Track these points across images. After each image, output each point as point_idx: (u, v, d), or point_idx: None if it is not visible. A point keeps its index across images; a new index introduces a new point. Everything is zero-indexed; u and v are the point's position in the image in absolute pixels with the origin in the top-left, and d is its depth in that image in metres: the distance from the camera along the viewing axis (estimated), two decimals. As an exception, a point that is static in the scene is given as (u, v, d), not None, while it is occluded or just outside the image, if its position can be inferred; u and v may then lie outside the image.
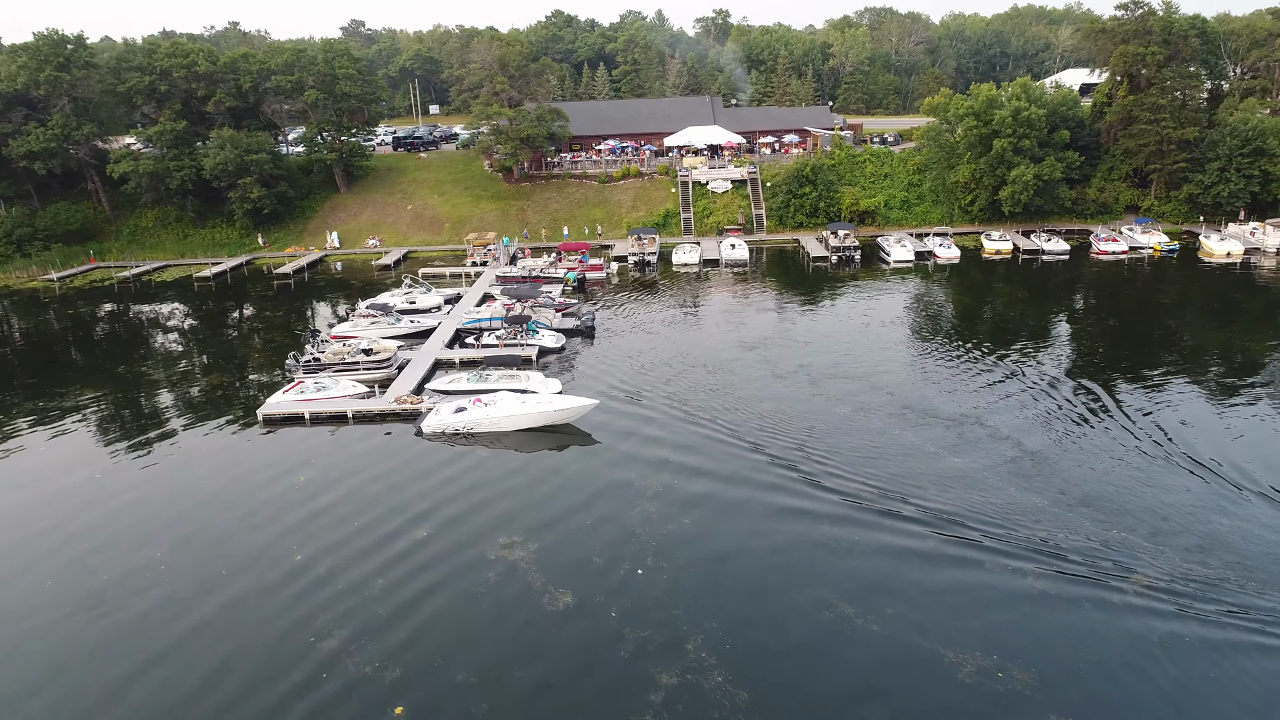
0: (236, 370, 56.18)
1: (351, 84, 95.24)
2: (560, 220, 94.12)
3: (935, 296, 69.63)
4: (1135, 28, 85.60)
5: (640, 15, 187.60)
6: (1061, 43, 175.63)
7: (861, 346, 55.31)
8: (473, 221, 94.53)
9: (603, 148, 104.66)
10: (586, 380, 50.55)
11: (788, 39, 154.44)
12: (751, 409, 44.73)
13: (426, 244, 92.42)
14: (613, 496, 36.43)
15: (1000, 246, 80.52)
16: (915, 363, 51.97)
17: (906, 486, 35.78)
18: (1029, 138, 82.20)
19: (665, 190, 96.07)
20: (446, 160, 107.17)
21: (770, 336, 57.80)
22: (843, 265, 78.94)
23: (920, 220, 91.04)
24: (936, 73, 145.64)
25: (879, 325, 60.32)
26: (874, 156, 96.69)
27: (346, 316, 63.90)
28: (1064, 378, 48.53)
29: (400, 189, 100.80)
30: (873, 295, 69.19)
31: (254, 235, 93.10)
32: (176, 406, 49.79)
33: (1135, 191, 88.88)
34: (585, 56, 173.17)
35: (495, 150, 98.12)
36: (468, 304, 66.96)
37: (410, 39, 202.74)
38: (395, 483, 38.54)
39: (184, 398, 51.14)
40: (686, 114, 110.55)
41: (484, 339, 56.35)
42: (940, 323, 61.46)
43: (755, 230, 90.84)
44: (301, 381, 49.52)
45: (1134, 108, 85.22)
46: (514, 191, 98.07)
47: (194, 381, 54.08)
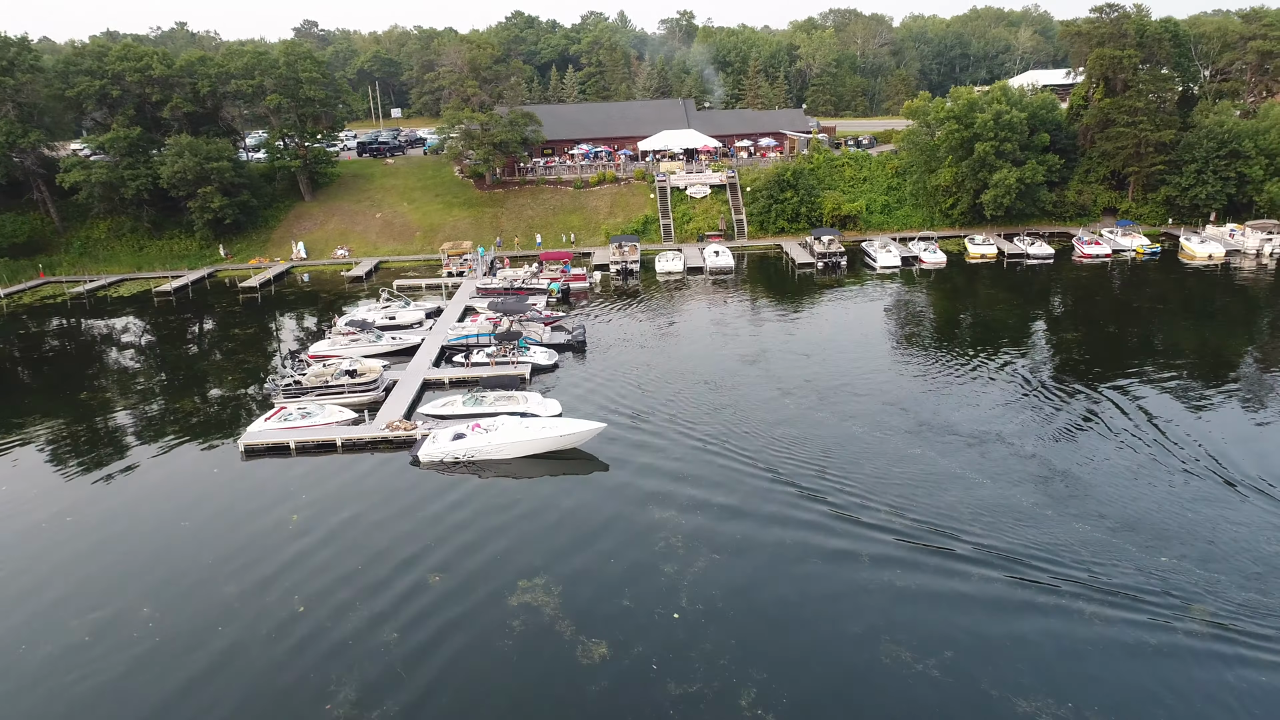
0: (209, 395, 52.91)
1: (316, 88, 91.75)
2: (536, 227, 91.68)
3: (928, 303, 68.70)
4: (1111, 30, 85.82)
5: (602, 16, 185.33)
6: (1022, 44, 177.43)
7: (864, 358, 53.92)
8: (445, 230, 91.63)
9: (576, 152, 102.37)
10: (584, 400, 48.38)
11: (754, 40, 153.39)
12: (763, 430, 42.96)
13: (398, 254, 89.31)
14: (632, 529, 34.38)
15: (985, 251, 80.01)
16: (922, 374, 50.69)
17: (940, 516, 34.25)
18: (1011, 141, 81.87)
19: (643, 196, 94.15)
20: (415, 166, 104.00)
21: (769, 348, 56.16)
22: (829, 271, 77.73)
23: (901, 224, 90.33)
24: (904, 74, 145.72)
25: (878, 335, 59.09)
26: (852, 160, 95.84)
27: (324, 334, 60.85)
28: (1076, 387, 47.59)
29: (368, 196, 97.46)
30: (865, 303, 68.02)
31: (215, 246, 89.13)
32: (146, 436, 46.49)
33: (1113, 194, 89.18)
34: (549, 58, 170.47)
35: (467, 156, 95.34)
36: (450, 318, 64.30)
37: (367, 40, 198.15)
38: (397, 518, 36.02)
39: (154, 426, 47.82)
40: (659, 117, 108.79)
41: (473, 357, 53.85)
42: (939, 331, 60.38)
43: (736, 236, 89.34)
44: (283, 408, 46.62)
45: (1111, 110, 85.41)
46: (487, 198, 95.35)
47: (163, 408, 50.71)
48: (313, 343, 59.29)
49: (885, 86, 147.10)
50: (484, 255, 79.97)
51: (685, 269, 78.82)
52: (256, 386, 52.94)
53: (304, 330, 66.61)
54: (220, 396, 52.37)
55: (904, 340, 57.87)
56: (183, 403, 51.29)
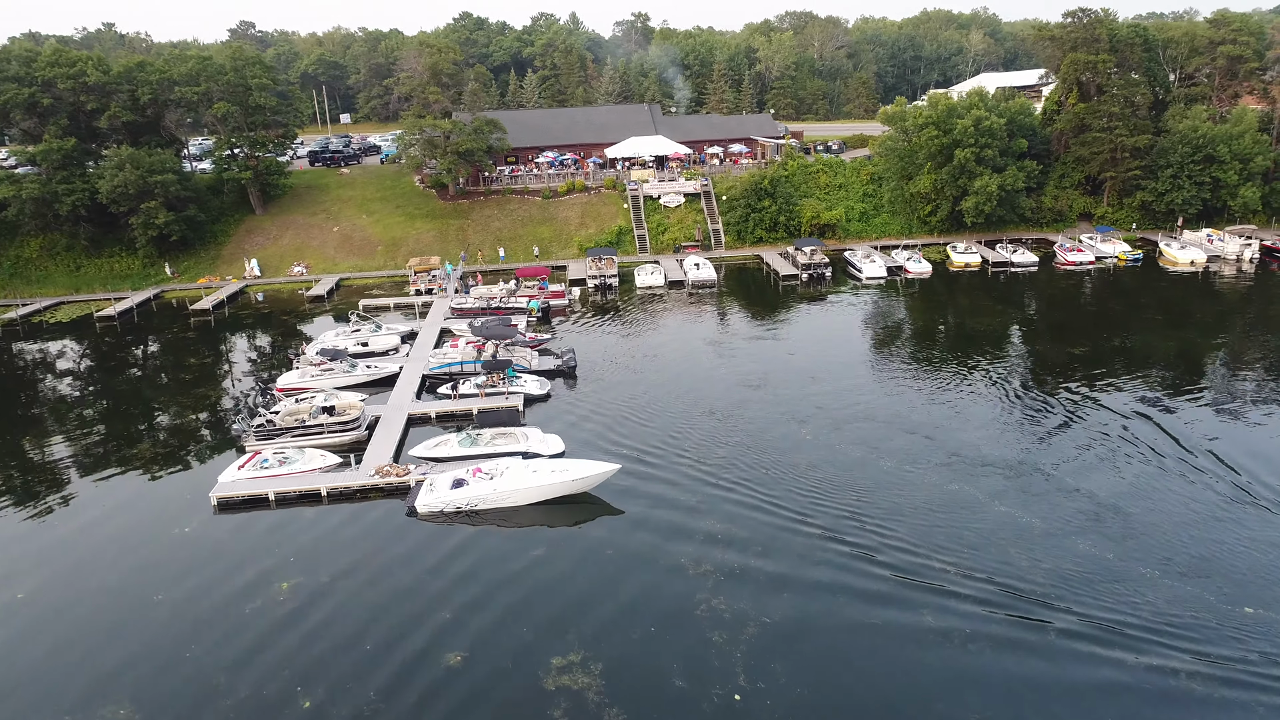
0: (169, 436, 48.23)
1: (265, 95, 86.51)
2: (504, 240, 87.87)
3: (921, 316, 66.86)
4: (1084, 35, 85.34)
5: (554, 18, 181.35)
6: (974, 47, 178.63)
7: (872, 378, 51.65)
8: (408, 243, 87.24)
9: (542, 160, 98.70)
10: (581, 433, 45.13)
11: (712, 43, 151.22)
12: (784, 469, 40.18)
13: (359, 269, 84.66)
14: (665, 589, 31.32)
15: (968, 259, 78.69)
16: (938, 397, 48.52)
17: (994, 563, 31.90)
18: (991, 147, 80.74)
19: (614, 205, 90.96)
20: (372, 176, 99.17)
21: (771, 371, 53.51)
22: (814, 283, 75.57)
23: (879, 232, 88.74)
24: (863, 77, 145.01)
25: (880, 351, 56.94)
26: (827, 166, 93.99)
27: (292, 363, 56.42)
28: (1100, 405, 45.92)
29: (323, 209, 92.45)
30: (857, 316, 65.94)
31: (160, 265, 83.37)
32: (100, 488, 41.86)
33: (1088, 199, 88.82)
34: (501, 61, 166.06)
35: (429, 165, 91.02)
36: (427, 343, 60.34)
37: (308, 42, 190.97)
38: (402, 584, 32.36)
39: (108, 475, 43.14)
40: (625, 123, 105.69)
41: (461, 387, 50.09)
42: (941, 345, 58.37)
43: (713, 247, 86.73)
44: (257, 453, 42.44)
45: (1086, 115, 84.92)
46: (451, 209, 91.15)
47: (117, 452, 45.96)
48: (280, 374, 54.87)
49: (845, 90, 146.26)
50: (453, 272, 75.85)
51: (666, 283, 75.89)
52: (224, 426, 48.47)
53: (268, 358, 61.96)
54: (182, 438, 47.75)
55: (908, 357, 55.74)
56: (139, 446, 46.59)
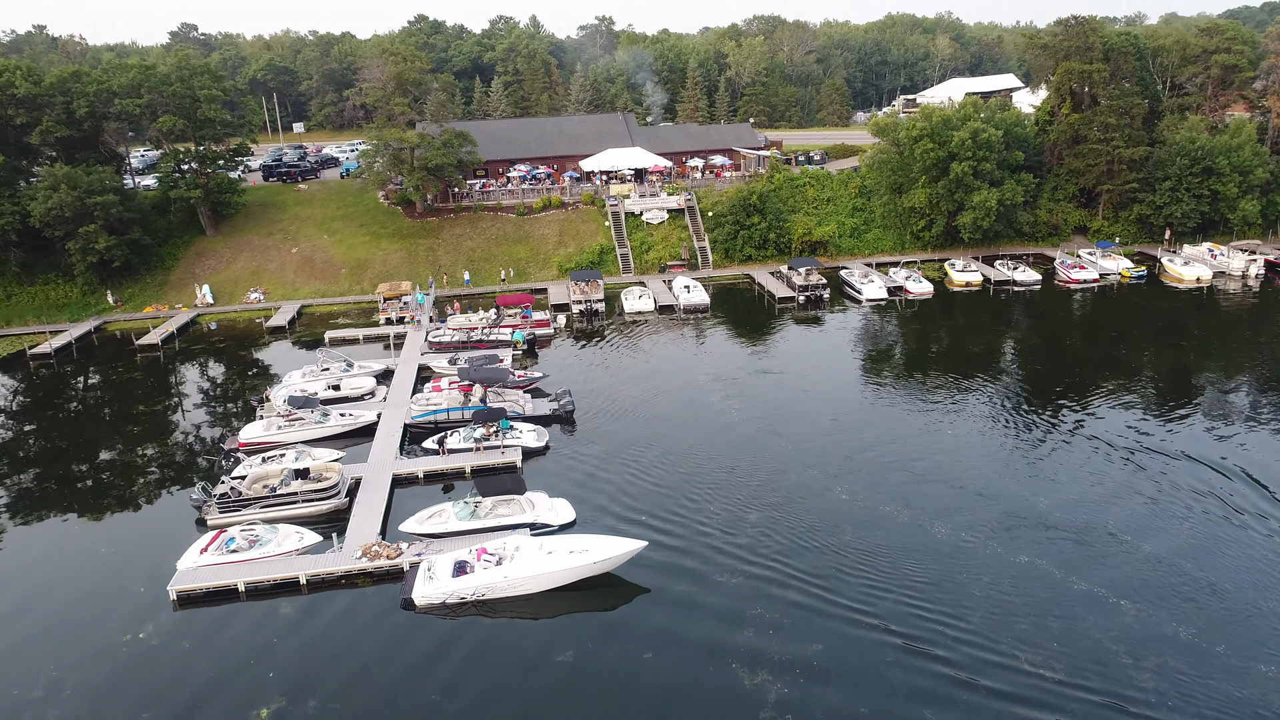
0: (117, 505, 42.27)
1: (215, 107, 79.98)
2: (478, 260, 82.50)
3: (932, 341, 63.22)
4: (1077, 43, 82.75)
5: (514, 21, 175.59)
6: (940, 51, 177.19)
7: (898, 419, 47.67)
8: (374, 265, 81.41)
9: (514, 175, 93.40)
10: (591, 495, 40.41)
11: (681, 48, 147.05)
12: (824, 539, 35.77)
13: (322, 295, 78.62)
14: (727, 708, 26.72)
15: (969, 278, 75.42)
16: (974, 440, 44.63)
17: (1092, 664, 27.94)
18: (988, 160, 77.64)
19: (594, 222, 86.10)
20: (332, 192, 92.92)
21: (787, 412, 49.23)
22: (812, 306, 71.60)
23: (871, 248, 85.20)
24: (836, 83, 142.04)
25: (901, 386, 52.99)
26: (814, 179, 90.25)
27: (256, 411, 50.63)
28: (1148, 448, 42.47)
29: (281, 228, 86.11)
30: (865, 344, 62.10)
31: (102, 293, 76.43)
32: (32, 578, 35.90)
33: (1083, 212, 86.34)
34: (461, 66, 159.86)
35: (394, 181, 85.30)
36: (405, 383, 54.95)
37: (255, 46, 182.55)
38: (412, 710, 27.27)
39: (41, 560, 37.19)
40: (599, 133, 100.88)
41: (450, 441, 44.89)
42: (961, 377, 54.39)
43: (700, 266, 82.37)
44: (222, 531, 36.89)
45: (1081, 126, 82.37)
46: (419, 228, 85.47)
47: (53, 528, 39.94)
48: (242, 424, 49.09)
49: (817, 96, 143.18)
50: (424, 302, 70.01)
51: (656, 307, 71.31)
52: (180, 493, 42.61)
53: (226, 403, 55.98)
54: (130, 507, 41.90)
55: (929, 391, 51.83)
56: (81, 521, 40.61)
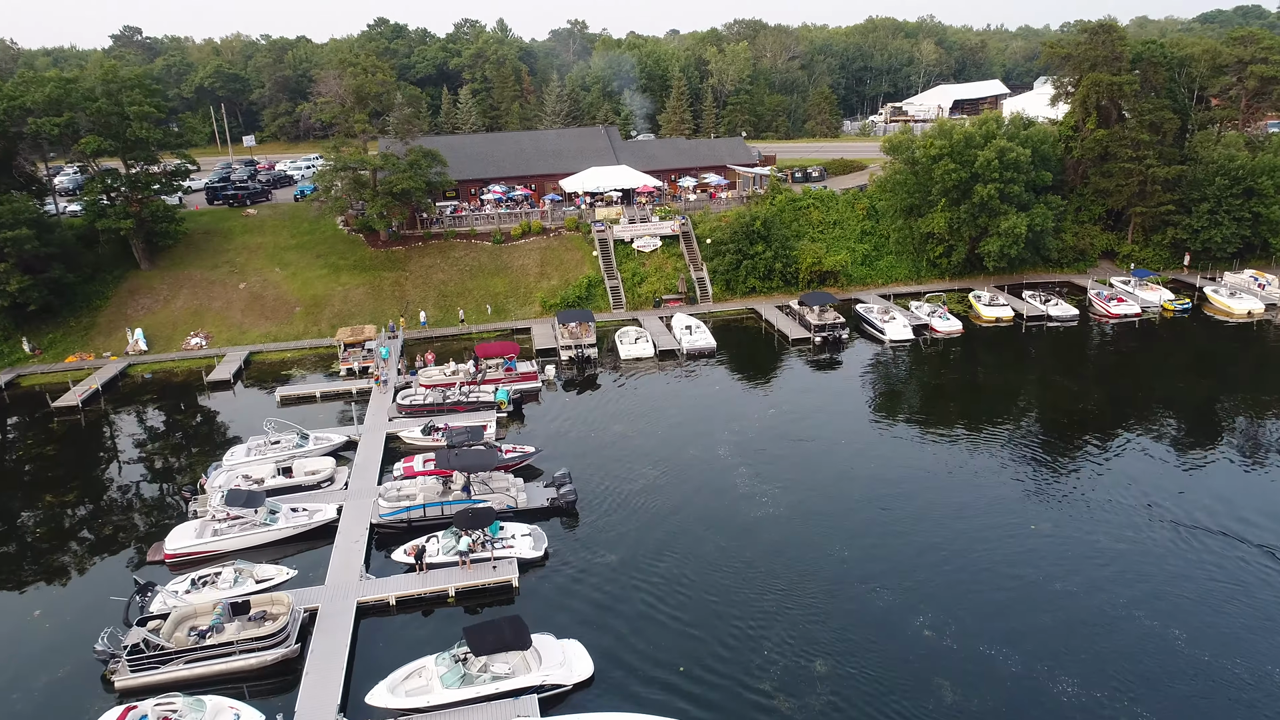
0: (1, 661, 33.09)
1: (149, 125, 70.28)
2: (450, 296, 73.69)
3: (979, 395, 55.50)
4: (1104, 53, 76.01)
5: (480, 25, 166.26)
6: (925, 57, 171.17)
7: (971, 510, 39.93)
8: (333, 302, 72.25)
9: (488, 197, 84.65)
10: (600, 636, 32.13)
11: (659, 54, 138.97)
12: (924, 706, 27.88)
13: (273, 338, 69.28)
14: None
15: (998, 313, 68.18)
16: (1078, 538, 37.00)
17: None
18: (1016, 182, 70.52)
19: (579, 250, 77.66)
20: (285, 217, 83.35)
21: (828, 497, 41.32)
22: (830, 348, 63.90)
23: (884, 277, 77.71)
24: (824, 91, 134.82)
25: (957, 460, 45.21)
26: (818, 200, 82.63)
27: (187, 505, 41.58)
28: None
29: (226, 260, 76.56)
30: (899, 400, 54.40)
31: (17, 340, 66.51)
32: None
33: (1110, 236, 79.64)
34: (424, 73, 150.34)
35: (355, 206, 76.22)
36: (370, 464, 46.13)
37: (204, 50, 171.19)
38: None
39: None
40: (580, 149, 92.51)
41: (430, 552, 36.25)
42: (1032, 447, 46.74)
43: (699, 299, 74.27)
44: (132, 708, 28.01)
45: (1110, 143, 75.64)
46: (384, 259, 76.43)
47: (-81, 696, 30.78)
48: (171, 527, 40.04)
49: (805, 105, 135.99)
50: (388, 356, 60.84)
51: (656, 352, 63.08)
52: (84, 637, 33.49)
53: (155, 483, 46.69)
54: (15, 661, 32.68)
55: (996, 466, 44.19)
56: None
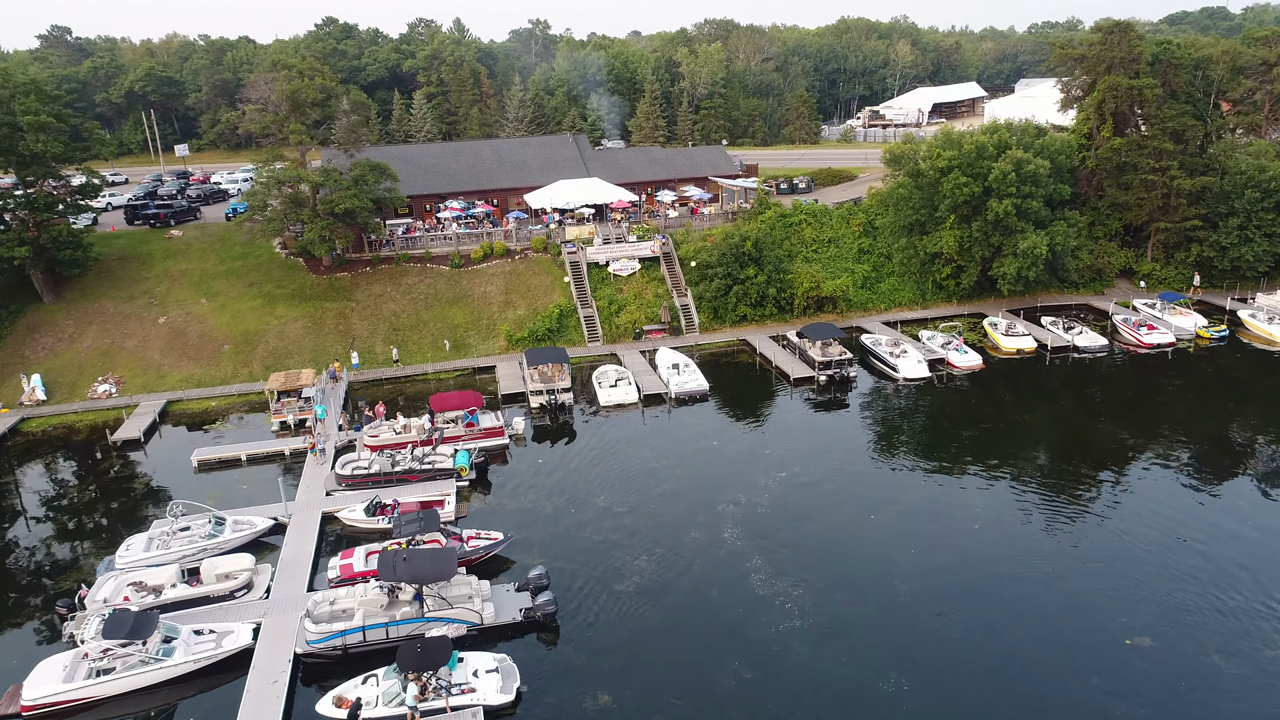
0: None
1: (46, 138, 60.62)
2: (402, 329, 64.91)
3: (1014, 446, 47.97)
4: (1120, 55, 69.51)
5: (436, 25, 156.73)
6: (901, 59, 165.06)
7: (1039, 616, 32.40)
8: (267, 339, 63.12)
9: (445, 215, 75.85)
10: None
11: (627, 55, 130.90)
12: None
13: (196, 383, 59.96)
14: None
15: (1019, 343, 61.15)
16: (1184, 655, 29.66)
17: None
18: (1035, 197, 63.64)
19: (548, 274, 69.30)
20: (214, 239, 73.79)
21: (866, 595, 33.60)
22: (837, 388, 56.35)
23: (887, 301, 70.37)
24: (802, 94, 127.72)
25: (1006, 538, 37.71)
26: (810, 216, 75.13)
27: (62, 624, 32.65)
28: None
29: (145, 290, 66.99)
30: (925, 456, 46.70)
31: (-114, 392, 56.67)
32: None
33: (1128, 253, 73.17)
34: (377, 76, 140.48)
35: (293, 229, 67.16)
36: (299, 559, 37.38)
37: (138, 52, 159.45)
38: None
39: None
40: (546, 160, 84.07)
41: (367, 702, 27.79)
42: (1095, 519, 39.67)
43: (684, 330, 66.28)
44: None
45: (1130, 153, 69.18)
46: (327, 287, 67.40)
47: None
48: (41, 648, 31.11)
49: (782, 109, 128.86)
50: (325, 416, 51.62)
51: (640, 397, 54.97)
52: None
53: (30, 597, 37.46)
54: None
55: (1058, 549, 36.81)
56: None
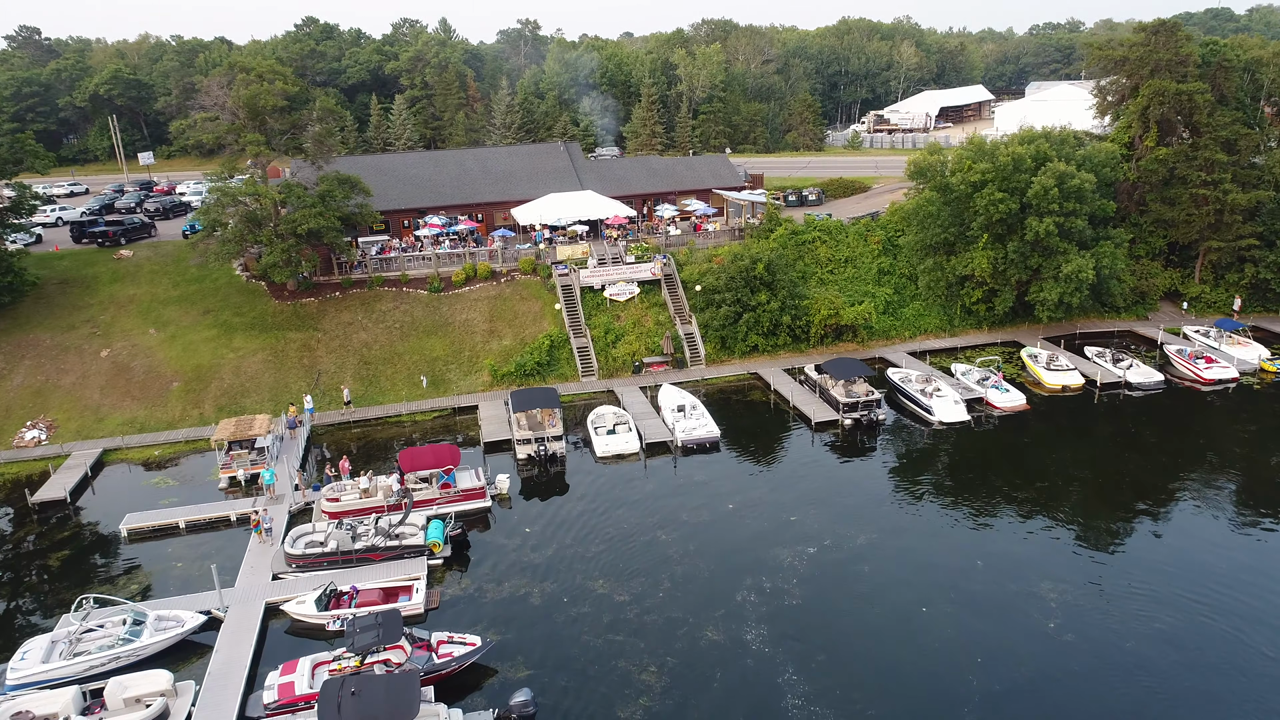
0: None
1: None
2: (375, 362, 58.12)
3: (1091, 507, 41.49)
4: (1166, 56, 63.23)
5: (421, 25, 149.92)
6: (906, 61, 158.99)
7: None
8: (223, 375, 56.23)
9: (425, 233, 69.00)
10: None
11: (620, 57, 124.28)
12: None
13: (139, 427, 53.00)
14: None
15: (1065, 379, 54.69)
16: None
17: None
18: (1079, 215, 57.23)
19: (537, 299, 62.61)
20: (168, 259, 66.82)
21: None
22: (864, 432, 49.79)
23: (912, 329, 63.84)
24: (807, 99, 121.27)
25: (1147, 648, 31.12)
26: (825, 233, 68.58)
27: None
28: None
29: (87, 319, 60.05)
30: (987, 516, 40.06)
31: None
32: None
33: (1173, 273, 66.86)
34: (358, 79, 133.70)
35: (252, 249, 60.33)
36: (230, 665, 30.53)
37: (108, 53, 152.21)
38: None
39: None
40: (535, 170, 77.44)
41: None
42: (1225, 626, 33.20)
43: (689, 363, 59.61)
44: None
45: (1178, 164, 62.90)
46: (291, 315, 60.55)
47: None
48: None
49: (784, 113, 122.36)
50: (273, 481, 44.38)
51: (642, 446, 48.23)
52: None
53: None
54: None
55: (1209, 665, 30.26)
56: None
